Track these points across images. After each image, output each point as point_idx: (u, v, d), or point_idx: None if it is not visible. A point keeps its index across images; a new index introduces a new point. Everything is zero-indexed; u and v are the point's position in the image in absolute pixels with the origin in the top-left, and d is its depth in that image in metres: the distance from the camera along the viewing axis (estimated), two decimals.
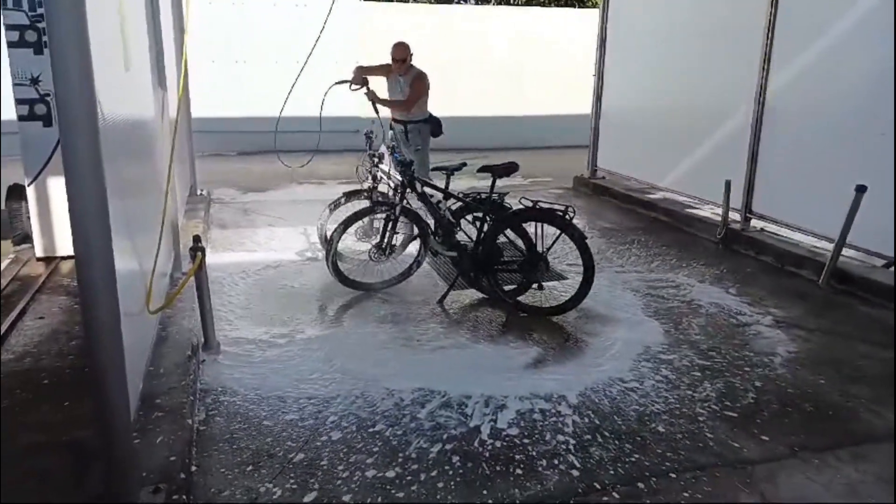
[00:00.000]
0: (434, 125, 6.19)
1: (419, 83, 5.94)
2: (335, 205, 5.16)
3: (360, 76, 5.69)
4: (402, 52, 5.98)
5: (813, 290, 4.94)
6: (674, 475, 2.70)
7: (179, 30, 5.87)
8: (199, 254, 3.51)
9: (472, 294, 4.64)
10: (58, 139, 4.04)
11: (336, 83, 5.52)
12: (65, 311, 3.85)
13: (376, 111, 5.67)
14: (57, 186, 4.52)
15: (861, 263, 5.06)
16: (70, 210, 1.88)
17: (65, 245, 4.61)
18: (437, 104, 6.27)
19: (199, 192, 7.28)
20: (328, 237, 4.71)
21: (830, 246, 5.01)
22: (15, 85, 4.40)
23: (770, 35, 5.75)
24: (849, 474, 2.73)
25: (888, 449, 2.92)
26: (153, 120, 3.99)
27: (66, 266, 4.56)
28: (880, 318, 4.39)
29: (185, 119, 6.80)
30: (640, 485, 2.64)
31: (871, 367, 3.70)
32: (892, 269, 4.91)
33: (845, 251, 4.96)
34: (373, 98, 5.66)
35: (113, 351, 2.00)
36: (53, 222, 4.60)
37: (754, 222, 6.07)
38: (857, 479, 2.71)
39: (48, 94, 4.43)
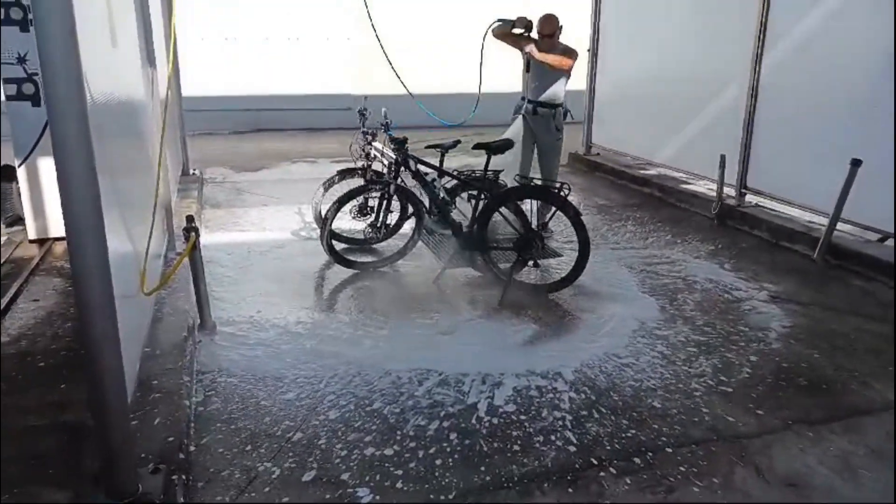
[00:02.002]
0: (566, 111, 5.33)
1: (573, 54, 5.08)
2: (329, 183, 5.14)
3: (525, 21, 5.09)
4: (551, 26, 5.11)
5: (808, 264, 4.95)
6: (670, 450, 2.72)
7: (168, 5, 5.78)
8: (193, 234, 3.49)
9: (468, 272, 4.63)
10: (46, 119, 3.99)
11: (498, 20, 5.09)
12: (59, 293, 3.83)
13: (527, 68, 5.19)
14: (48, 167, 4.45)
15: (855, 238, 5.07)
16: (60, 191, 1.85)
17: (58, 226, 4.57)
18: (432, 81, 6.07)
19: (191, 172, 7.22)
20: (323, 216, 4.69)
21: (825, 221, 5.01)
22: (2, 64, 4.33)
23: (765, 9, 5.70)
24: (842, 446, 2.76)
25: (880, 421, 2.95)
26: (142, 98, 3.94)
27: (60, 247, 4.53)
28: (874, 292, 4.41)
29: (176, 97, 6.72)
30: (637, 459, 2.66)
31: (864, 341, 3.72)
32: (888, 242, 4.93)
33: (840, 226, 4.97)
34: (530, 49, 5.01)
35: (108, 333, 1.99)
36: (45, 203, 4.55)
37: (749, 197, 6.07)
38: (850, 450, 2.73)
39: (36, 74, 4.36)
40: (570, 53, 5.06)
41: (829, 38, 5.21)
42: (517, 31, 5.06)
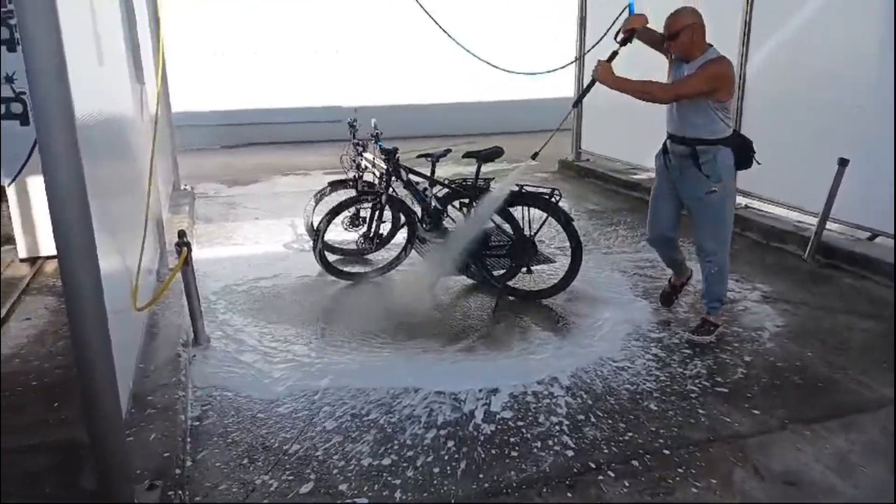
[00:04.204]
0: (740, 149, 3.58)
1: (710, 68, 3.43)
2: (320, 195, 5.14)
3: (639, 25, 3.67)
4: (678, 24, 3.51)
5: (798, 264, 4.98)
6: (667, 451, 2.73)
7: (155, 22, 5.78)
8: (185, 248, 3.49)
9: (462, 280, 4.64)
10: (35, 137, 3.98)
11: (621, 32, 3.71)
12: (51, 311, 3.82)
13: (585, 90, 3.78)
14: (37, 186, 4.45)
15: (845, 237, 5.10)
16: (51, 210, 1.85)
17: (48, 245, 4.55)
18: (422, 90, 5.87)
19: (182, 187, 7.21)
20: (315, 228, 4.69)
21: (814, 221, 5.05)
22: None
23: (749, 11, 5.75)
24: (838, 444, 2.77)
25: (875, 418, 2.96)
26: (132, 115, 3.94)
27: (51, 266, 4.51)
28: (864, 290, 4.44)
29: (165, 113, 6.71)
30: (635, 462, 2.66)
31: (856, 339, 3.74)
32: (877, 240, 4.97)
33: (829, 225, 5.00)
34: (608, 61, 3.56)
35: (101, 350, 1.98)
36: (36, 222, 4.53)
37: (739, 199, 6.09)
38: (847, 448, 2.74)
39: (23, 93, 4.34)
40: (719, 65, 3.45)
41: (812, 41, 5.26)
42: (620, 39, 3.71)
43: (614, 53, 3.65)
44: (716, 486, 2.51)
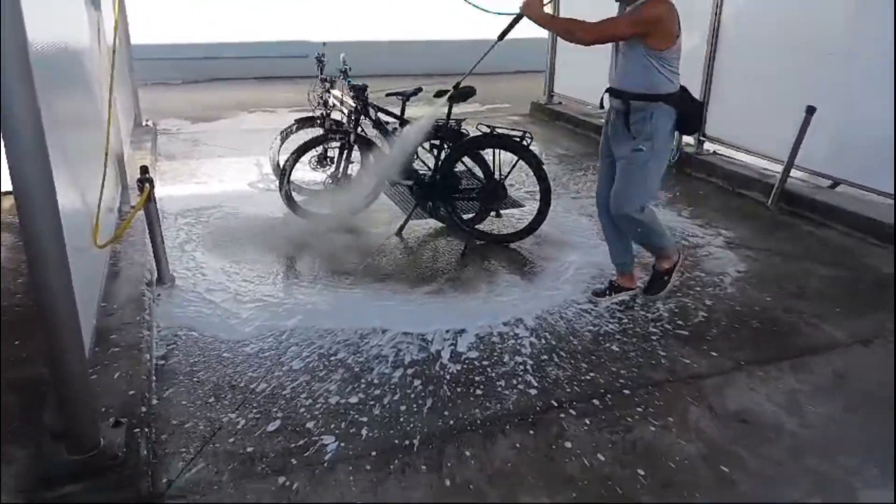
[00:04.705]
0: (685, 110, 3.26)
1: (642, 11, 3.04)
2: (286, 133, 5.02)
3: None
4: None
5: (762, 211, 5.07)
6: (628, 391, 2.81)
7: None
8: (148, 185, 3.40)
9: (431, 223, 4.62)
10: None
11: None
12: (8, 248, 3.72)
13: (511, 24, 3.63)
14: None
15: (807, 185, 5.20)
16: (5, 142, 1.78)
17: (3, 180, 4.40)
18: (395, 26, 5.58)
19: (144, 123, 6.99)
20: (280, 167, 4.60)
21: (780, 168, 5.12)
22: None
23: None
24: (790, 384, 2.88)
25: (826, 360, 3.08)
26: (88, 43, 3.76)
27: (7, 201, 4.37)
28: (824, 238, 4.55)
29: (125, 44, 6.44)
30: (596, 401, 2.74)
31: (813, 285, 3.86)
32: (838, 188, 5.07)
33: (793, 172, 5.08)
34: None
35: (62, 287, 1.94)
36: None
37: (707, 145, 6.15)
38: (797, 388, 2.86)
39: None
40: (656, 5, 3.04)
41: None
42: None
43: None
44: (673, 424, 2.60)
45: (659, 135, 3.23)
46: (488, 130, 4.18)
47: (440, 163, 4.31)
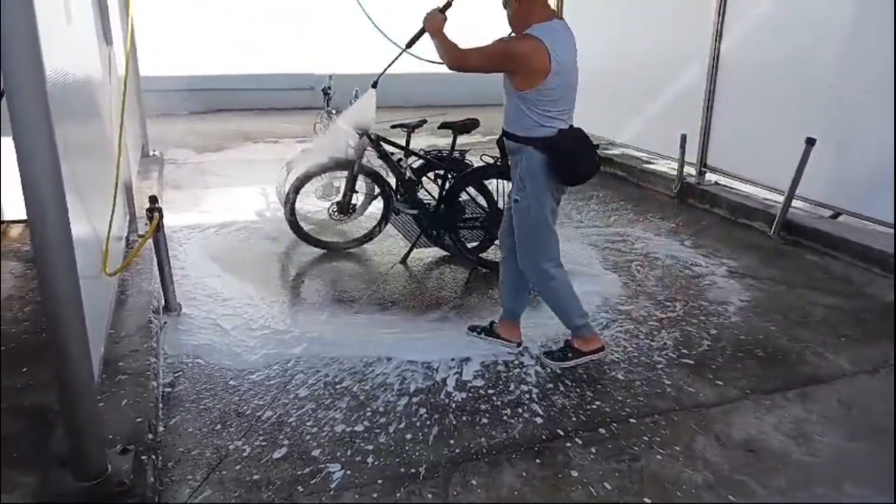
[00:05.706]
0: (559, 155, 2.95)
1: (501, 45, 2.97)
2: (293, 163, 5.07)
3: None
4: None
5: (764, 240, 5.10)
6: (633, 420, 2.81)
7: None
8: (157, 214, 3.44)
9: (435, 252, 4.66)
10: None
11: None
12: (17, 276, 3.74)
13: (415, 36, 3.56)
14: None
15: (809, 215, 5.23)
16: (21, 173, 1.81)
17: (13, 209, 4.44)
18: (400, 60, 5.51)
19: (151, 153, 7.06)
20: (287, 196, 4.64)
21: (781, 198, 5.16)
22: None
23: None
24: (796, 413, 2.88)
25: (832, 389, 3.08)
26: (100, 77, 3.84)
27: (14, 230, 4.41)
28: (826, 267, 4.57)
29: (134, 76, 6.54)
30: (602, 430, 2.73)
31: (816, 313, 3.87)
32: (840, 219, 5.10)
33: (795, 203, 5.12)
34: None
35: (74, 315, 1.96)
36: None
37: (709, 176, 6.20)
38: (804, 417, 2.85)
39: None
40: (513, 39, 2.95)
41: (785, 20, 5.31)
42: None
43: (448, 3, 3.19)
44: (679, 453, 2.59)
45: (528, 181, 2.96)
46: (492, 161, 4.23)
47: (444, 192, 4.36)
